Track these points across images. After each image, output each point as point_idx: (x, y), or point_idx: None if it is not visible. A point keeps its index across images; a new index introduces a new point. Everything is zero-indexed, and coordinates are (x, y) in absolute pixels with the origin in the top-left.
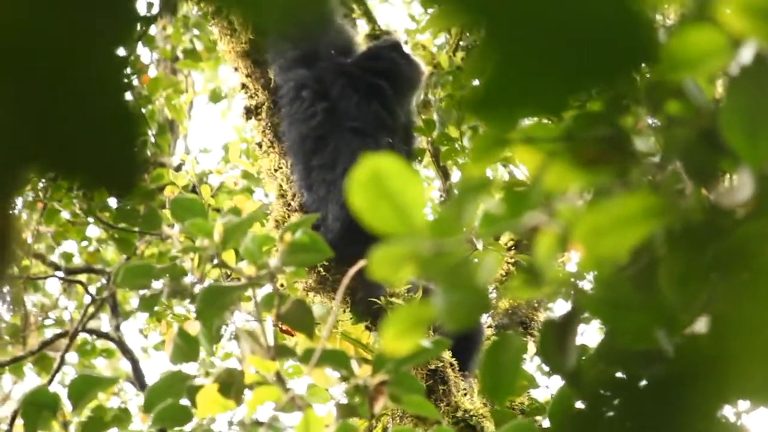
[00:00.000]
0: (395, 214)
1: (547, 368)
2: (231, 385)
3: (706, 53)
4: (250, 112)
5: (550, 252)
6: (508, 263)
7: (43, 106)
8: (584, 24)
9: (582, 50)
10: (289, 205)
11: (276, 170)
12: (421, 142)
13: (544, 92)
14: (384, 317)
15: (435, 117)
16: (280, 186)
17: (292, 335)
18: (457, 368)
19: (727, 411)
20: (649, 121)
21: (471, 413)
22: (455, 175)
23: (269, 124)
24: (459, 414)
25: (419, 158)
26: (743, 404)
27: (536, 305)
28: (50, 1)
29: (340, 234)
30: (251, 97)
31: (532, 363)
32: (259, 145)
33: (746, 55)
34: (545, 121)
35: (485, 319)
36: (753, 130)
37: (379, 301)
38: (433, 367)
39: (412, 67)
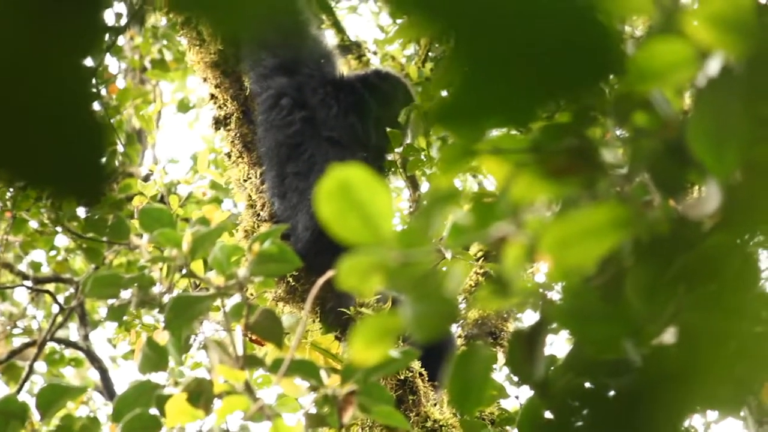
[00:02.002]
0: (363, 224)
1: (516, 378)
2: (200, 395)
3: (674, 65)
4: (219, 123)
5: (518, 262)
6: (478, 274)
7: (10, 115)
8: (552, 35)
9: (550, 61)
10: (258, 215)
11: (245, 180)
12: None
13: (512, 103)
14: (353, 327)
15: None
16: (249, 196)
17: (262, 345)
18: (427, 378)
19: (696, 421)
20: (617, 132)
21: (440, 423)
22: (424, 186)
23: (238, 135)
24: (428, 424)
25: (390, 170)
26: (711, 415)
27: (505, 316)
28: (16, 13)
29: (310, 244)
30: (220, 107)
31: (501, 373)
32: (228, 155)
33: (713, 66)
34: (513, 132)
35: (455, 330)
36: (720, 142)
37: (348, 312)
38: (402, 377)
39: (398, 86)
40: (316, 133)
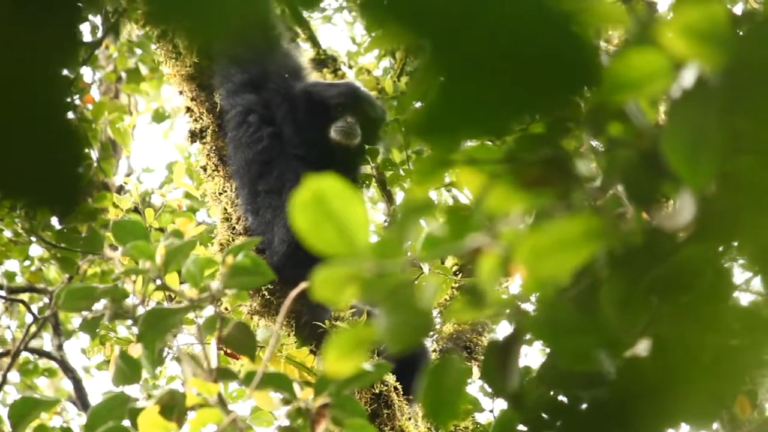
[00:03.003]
0: (338, 235)
1: (490, 390)
2: (173, 408)
3: (649, 76)
4: (195, 136)
5: (493, 274)
6: (453, 288)
7: None
8: (527, 46)
9: (524, 72)
10: (234, 228)
11: (221, 194)
12: (366, 167)
13: (487, 114)
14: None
15: (381, 142)
16: (225, 209)
17: (237, 359)
18: (402, 392)
19: None
20: (592, 143)
21: None
22: (399, 199)
23: (214, 148)
24: None
25: (365, 183)
26: (684, 428)
27: (480, 330)
28: None
29: (286, 257)
30: (196, 120)
31: (475, 386)
32: (204, 168)
33: (688, 78)
34: (488, 142)
35: (430, 344)
36: (694, 153)
37: (323, 325)
38: (377, 391)
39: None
40: (284, 149)
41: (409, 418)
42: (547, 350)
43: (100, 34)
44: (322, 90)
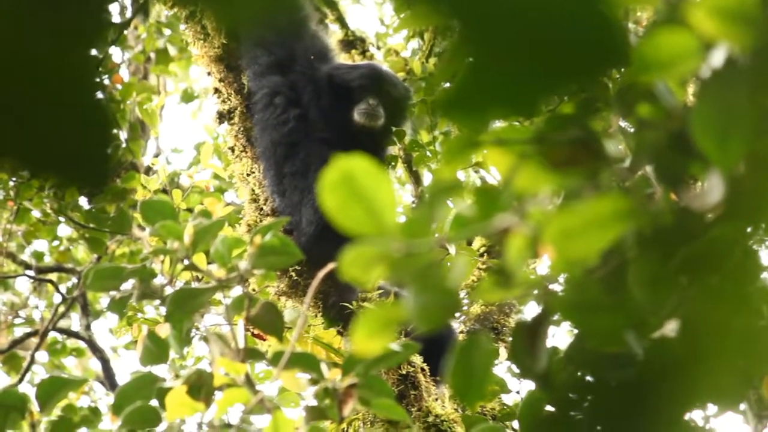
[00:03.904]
0: (366, 214)
1: (518, 370)
2: (200, 388)
3: (678, 56)
4: (223, 117)
5: (521, 254)
6: (480, 269)
7: (16, 105)
8: (556, 26)
9: (553, 52)
10: (261, 209)
11: (248, 174)
12: (394, 148)
13: (516, 94)
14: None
15: (407, 123)
16: (253, 190)
17: (264, 339)
18: (429, 374)
19: (696, 415)
20: (620, 124)
21: (442, 419)
22: (427, 180)
23: (242, 129)
24: (430, 419)
25: (392, 164)
26: (711, 408)
27: (507, 311)
28: (25, 5)
29: (314, 238)
30: (224, 101)
31: (502, 368)
32: (232, 149)
33: (717, 58)
34: (517, 123)
35: (457, 326)
36: (723, 134)
37: (350, 306)
38: (404, 372)
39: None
40: (310, 132)
41: (436, 399)
42: (575, 331)
43: (129, 14)
44: (344, 73)
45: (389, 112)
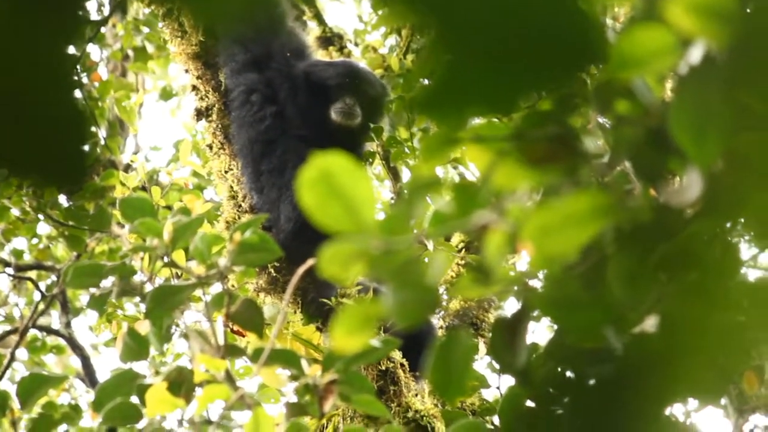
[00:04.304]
0: (345, 212)
1: (498, 366)
2: (181, 384)
3: (655, 52)
4: (201, 114)
5: (500, 250)
6: (459, 265)
7: None
8: (533, 23)
9: (531, 49)
10: (240, 206)
11: (226, 172)
12: (372, 145)
13: (494, 92)
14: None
15: (385, 120)
16: (231, 187)
17: (243, 336)
18: (409, 369)
19: (677, 410)
20: (599, 120)
21: (422, 414)
22: (406, 177)
23: (220, 126)
24: (410, 414)
25: (369, 160)
26: (692, 403)
27: (487, 306)
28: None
29: (293, 234)
30: (202, 98)
31: (482, 363)
32: (210, 146)
33: (695, 54)
34: (495, 120)
35: (437, 321)
36: (701, 130)
37: (330, 302)
38: (383, 367)
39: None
40: (287, 129)
41: (416, 395)
42: (555, 327)
43: (106, 12)
44: (321, 70)
45: (366, 110)
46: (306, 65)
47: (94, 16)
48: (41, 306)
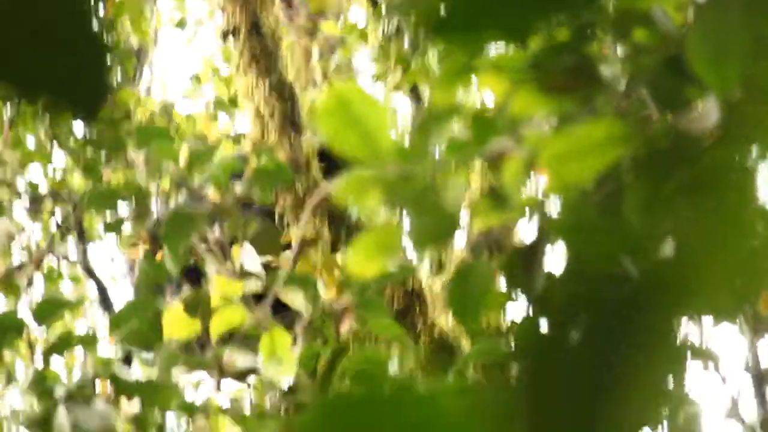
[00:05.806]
0: (362, 139)
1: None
2: (197, 306)
3: None
4: (227, 34)
5: (517, 177)
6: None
7: (8, 30)
8: None
9: None
10: (267, 125)
11: (253, 90)
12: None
13: (508, 17)
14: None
15: (405, 40)
16: (257, 106)
17: None
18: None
19: (692, 333)
20: (616, 48)
21: (448, 332)
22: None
23: (248, 45)
24: (436, 333)
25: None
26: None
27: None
28: None
29: None
30: (229, 19)
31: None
32: (236, 66)
33: None
34: (511, 50)
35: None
36: (719, 58)
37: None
38: (410, 288)
39: None
40: None
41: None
42: (570, 254)
43: None
44: None
45: None
46: None
47: None
48: (58, 236)
